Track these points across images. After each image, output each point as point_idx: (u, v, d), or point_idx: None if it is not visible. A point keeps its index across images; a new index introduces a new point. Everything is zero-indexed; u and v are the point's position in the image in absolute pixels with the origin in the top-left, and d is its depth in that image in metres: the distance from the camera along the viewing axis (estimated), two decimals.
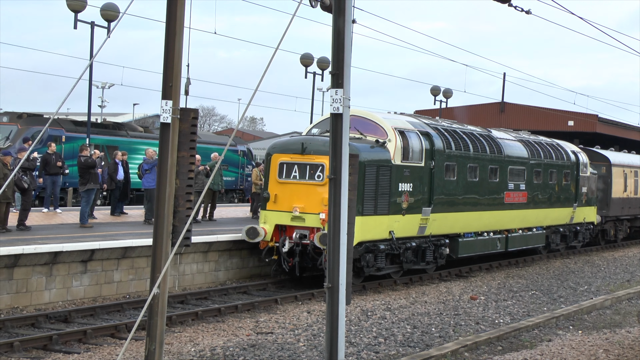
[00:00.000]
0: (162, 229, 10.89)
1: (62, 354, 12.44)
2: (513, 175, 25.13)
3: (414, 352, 13.22)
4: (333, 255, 10.31)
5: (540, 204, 27.02)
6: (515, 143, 26.14)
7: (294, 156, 19.08)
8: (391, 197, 19.26)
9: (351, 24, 10.59)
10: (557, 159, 28.44)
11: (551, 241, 28.63)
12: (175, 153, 11.01)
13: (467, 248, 22.82)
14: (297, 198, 18.81)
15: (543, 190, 27.28)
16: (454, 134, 22.31)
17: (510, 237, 25.25)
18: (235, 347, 13.11)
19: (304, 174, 18.86)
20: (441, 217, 21.28)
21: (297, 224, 18.77)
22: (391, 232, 19.34)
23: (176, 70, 10.96)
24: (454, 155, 21.81)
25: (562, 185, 28.67)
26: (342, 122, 10.51)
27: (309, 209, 18.60)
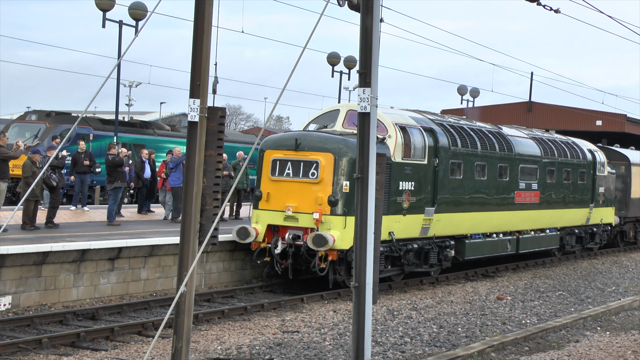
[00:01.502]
0: (189, 228, 10.94)
1: (90, 351, 12.52)
2: (524, 174, 24.13)
3: (440, 352, 13.18)
4: (360, 255, 10.30)
5: (553, 204, 25.98)
6: (527, 141, 25.08)
7: (288, 152, 18.22)
8: (391, 197, 18.24)
9: (379, 23, 10.57)
10: (572, 158, 27.35)
11: (566, 243, 27.54)
12: (203, 152, 11.06)
13: (474, 250, 21.76)
14: (291, 197, 17.96)
15: (557, 190, 26.20)
16: (460, 131, 21.33)
17: (521, 238, 24.20)
18: (262, 346, 13.14)
19: (297, 172, 18.01)
20: (446, 217, 20.37)
21: (290, 224, 17.94)
22: (391, 233, 18.34)
23: (204, 69, 11.01)
24: (460, 152, 20.85)
25: (578, 185, 27.61)
26: (370, 121, 10.50)
27: (303, 209, 17.79)
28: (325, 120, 19.82)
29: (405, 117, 19.81)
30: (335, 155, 17.61)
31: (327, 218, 17.41)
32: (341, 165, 17.60)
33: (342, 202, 17.45)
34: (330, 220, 17.41)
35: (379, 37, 10.58)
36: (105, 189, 27.08)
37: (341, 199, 17.47)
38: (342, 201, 17.46)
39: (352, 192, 16.80)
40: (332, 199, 17.40)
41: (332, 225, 17.37)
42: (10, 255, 14.90)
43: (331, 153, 17.66)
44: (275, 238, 18.05)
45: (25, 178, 19.03)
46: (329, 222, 17.40)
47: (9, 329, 13.46)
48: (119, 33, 27.44)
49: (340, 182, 17.54)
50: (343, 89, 43.46)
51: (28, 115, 33.40)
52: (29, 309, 15.11)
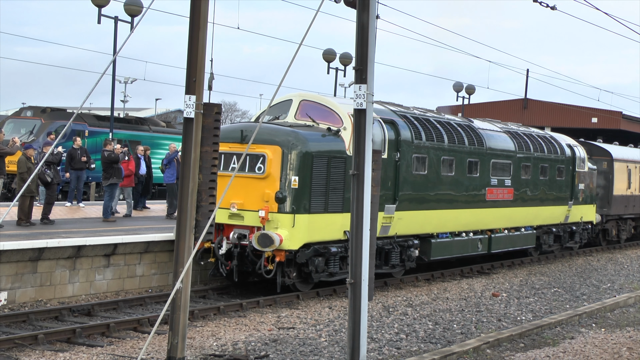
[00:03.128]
0: (185, 224, 10.96)
1: (86, 347, 12.52)
2: (497, 170, 22.88)
3: (435, 349, 13.20)
4: (356, 252, 10.31)
5: (529, 202, 24.76)
6: (500, 134, 23.81)
7: (233, 145, 16.99)
8: (346, 193, 17.00)
9: (375, 20, 10.56)
10: (549, 153, 25.98)
11: (543, 242, 26.31)
12: (199, 148, 11.07)
13: (441, 250, 20.62)
14: (236, 193, 16.72)
15: (533, 186, 24.94)
16: (425, 123, 20.11)
17: (493, 237, 23.00)
18: (257, 342, 13.15)
19: (243, 166, 16.77)
20: (408, 215, 19.21)
21: (236, 223, 16.77)
22: (346, 233, 17.02)
23: (200, 65, 11.01)
24: (425, 146, 19.62)
25: (556, 181, 26.38)
26: (366, 118, 10.48)
27: (249, 206, 16.59)
28: (277, 111, 18.64)
29: None
30: (284, 149, 16.44)
31: (274, 216, 16.33)
32: (290, 159, 16.43)
33: (291, 199, 16.32)
34: (278, 218, 16.30)
35: (375, 33, 10.57)
36: (100, 185, 27.04)
37: (290, 196, 16.33)
38: (290, 198, 16.33)
39: (302, 188, 16.20)
40: (280, 196, 16.30)
41: (280, 224, 16.27)
42: (6, 251, 14.89)
43: (279, 146, 16.49)
44: (219, 237, 16.89)
45: (21, 174, 19.04)
46: (276, 220, 16.31)
47: (4, 325, 13.45)
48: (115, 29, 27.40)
49: (288, 178, 16.41)
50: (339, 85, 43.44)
51: (23, 111, 33.35)
52: (25, 305, 15.11)
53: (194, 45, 10.99)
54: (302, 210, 16.31)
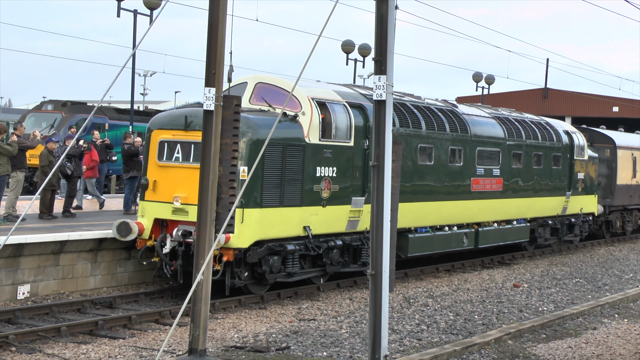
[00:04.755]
0: (206, 216, 11.04)
1: (108, 339, 12.61)
2: (483, 159, 21.27)
3: (457, 340, 13.19)
4: (376, 243, 10.32)
5: (521, 193, 23.09)
6: (488, 120, 22.14)
7: (177, 133, 15.48)
8: (305, 184, 15.70)
9: (394, 10, 10.55)
10: (543, 140, 24.24)
11: (538, 235, 24.60)
12: (219, 140, 11.12)
13: (420, 245, 19.01)
14: (180, 185, 15.25)
15: (525, 176, 23.25)
16: (400, 108, 18.46)
17: (481, 231, 21.37)
18: (278, 334, 13.19)
19: (187, 155, 15.26)
20: None
21: (180, 218, 15.23)
22: (306, 228, 15.83)
23: (219, 58, 11.06)
24: (399, 133, 18.04)
25: (551, 171, 24.67)
26: (386, 109, 10.48)
27: (193, 199, 14.09)
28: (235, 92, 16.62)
29: (327, 92, 17.04)
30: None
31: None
32: (238, 148, 14.88)
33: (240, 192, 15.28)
34: None
35: (394, 24, 10.57)
36: (121, 178, 27.17)
37: (238, 188, 14.78)
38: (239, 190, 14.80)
39: (252, 180, 14.67)
40: None
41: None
42: (29, 244, 15.01)
43: None
44: (162, 234, 15.39)
45: (42, 167, 19.17)
46: None
47: (28, 317, 13.57)
48: (134, 23, 27.50)
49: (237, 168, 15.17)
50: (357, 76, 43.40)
51: (44, 105, 33.57)
52: (47, 298, 15.23)
53: (213, 38, 11.03)
54: (252, 204, 14.81)
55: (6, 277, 14.90)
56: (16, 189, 18.23)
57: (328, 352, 12.12)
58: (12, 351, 11.60)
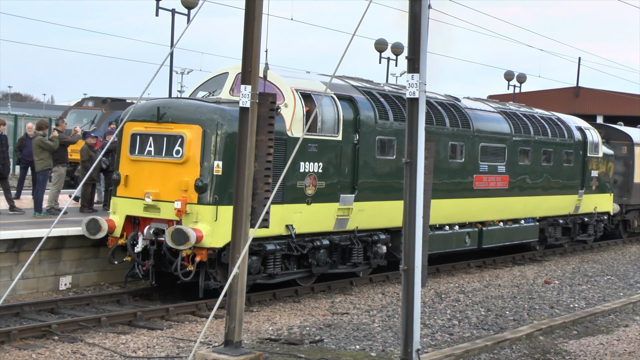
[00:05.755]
0: (241, 211, 11.26)
1: (146, 329, 12.93)
2: (487, 155, 20.37)
3: (488, 335, 13.34)
4: (409, 239, 10.50)
5: (528, 191, 22.12)
6: (493, 115, 21.22)
7: (149, 125, 14.62)
8: (287, 181, 14.83)
9: (427, 10, 10.69)
10: (553, 136, 23.27)
11: (548, 235, 23.66)
12: (254, 137, 11.35)
13: None
14: (152, 181, 14.44)
15: (533, 173, 22.28)
16: (395, 101, 17.57)
17: (485, 231, 20.50)
18: (312, 327, 13.43)
19: (160, 149, 14.42)
20: (372, 206, 16.79)
21: (152, 216, 14.37)
22: (289, 227, 15.03)
23: (255, 56, 11.30)
24: (393, 127, 17.09)
25: (562, 168, 23.69)
26: (419, 107, 10.65)
27: (165, 196, 14.18)
28: (212, 86, 16.37)
29: (313, 82, 16.12)
30: (205, 129, 14.08)
31: (193, 208, 13.98)
32: (212, 142, 14.09)
33: (213, 188, 13.98)
34: (198, 210, 13.96)
35: (427, 23, 10.72)
36: None
37: (211, 184, 13.98)
38: (212, 186, 13.98)
39: (227, 175, 13.84)
40: (200, 184, 13.93)
41: (200, 217, 13.94)
42: (70, 237, 15.45)
43: (199, 125, 14.13)
44: (133, 232, 14.54)
45: (83, 162, 19.60)
46: (195, 212, 13.97)
47: (69, 308, 13.98)
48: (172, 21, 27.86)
49: (210, 163, 14.06)
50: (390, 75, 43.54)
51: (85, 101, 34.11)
52: (88, 289, 15.62)
53: (249, 37, 11.27)
54: (226, 201, 13.86)
55: (49, 268, 15.36)
56: (58, 183, 18.68)
57: (361, 346, 12.34)
58: (54, 340, 11.97)
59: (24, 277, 14.52)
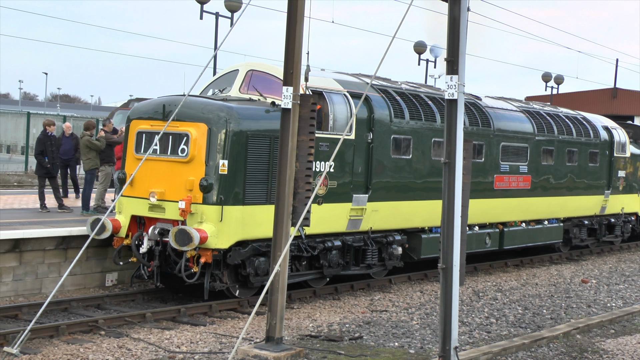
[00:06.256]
0: (283, 210, 11.50)
1: (190, 325, 13.23)
2: (508, 155, 19.97)
3: (525, 333, 13.46)
4: (447, 238, 10.67)
5: (552, 191, 21.70)
6: (515, 114, 20.82)
7: (155, 123, 14.33)
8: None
9: (466, 12, 10.85)
10: (578, 136, 22.74)
11: (573, 236, 23.16)
12: (295, 137, 11.59)
13: (434, 246, 17.38)
14: (157, 180, 14.17)
15: (557, 173, 21.86)
16: (412, 99, 17.23)
17: (506, 231, 20.09)
18: (352, 324, 13.65)
19: (165, 148, 14.14)
20: (386, 206, 16.43)
21: (157, 215, 14.10)
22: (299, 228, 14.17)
23: (297, 58, 11.53)
24: (410, 126, 16.81)
25: (588, 168, 23.22)
26: (457, 108, 10.81)
27: (170, 195, 13.87)
28: (223, 83, 16.04)
29: (326, 80, 15.71)
30: (211, 127, 13.73)
31: (198, 208, 13.68)
32: (218, 140, 13.75)
33: (218, 188, 13.65)
34: (203, 210, 13.66)
35: (466, 25, 10.87)
36: None
37: (217, 183, 13.65)
38: (218, 186, 13.65)
39: (233, 174, 13.70)
40: (205, 183, 13.62)
41: (205, 217, 13.64)
42: None
43: (205, 123, 13.81)
44: (138, 233, 14.32)
45: None
46: (200, 212, 13.67)
47: (115, 304, 14.36)
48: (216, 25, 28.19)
49: (216, 162, 13.71)
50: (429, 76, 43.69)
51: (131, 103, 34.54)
52: (133, 285, 15.94)
53: (291, 39, 11.51)
54: (232, 200, 13.73)
55: (96, 265, 15.77)
56: (105, 182, 19.07)
57: (399, 343, 12.54)
58: (101, 335, 12.32)
59: (72, 274, 14.83)
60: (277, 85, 14.64)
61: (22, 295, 14.73)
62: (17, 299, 14.52)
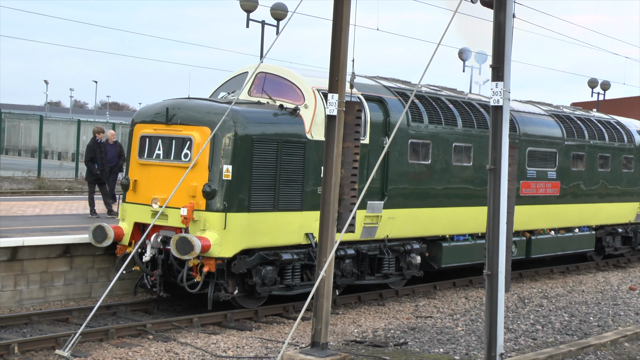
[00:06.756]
0: (328, 216, 11.58)
1: (236, 330, 13.38)
2: (535, 160, 19.39)
3: (572, 340, 13.37)
4: (492, 244, 10.67)
5: (583, 198, 21.08)
6: (543, 118, 20.15)
7: (158, 127, 13.98)
8: (307, 186, 14.09)
9: (512, 19, 10.86)
10: (611, 140, 22.04)
11: (606, 244, 22.51)
12: (341, 144, 11.67)
13: (456, 255, 17.08)
14: (160, 186, 13.77)
15: (588, 180, 21.24)
16: (432, 103, 16.74)
17: (534, 240, 19.48)
18: (396, 330, 13.69)
19: (168, 152, 13.80)
20: (404, 214, 15.89)
21: (160, 223, 13.44)
22: (309, 236, 14.20)
23: (342, 65, 11.62)
24: (428, 130, 16.32)
25: (622, 174, 22.57)
26: (502, 114, 10.83)
27: (173, 202, 13.24)
28: (233, 86, 15.58)
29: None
30: (215, 130, 13.15)
31: (201, 215, 13.28)
32: (222, 144, 13.35)
33: (222, 194, 13.19)
34: (206, 217, 13.27)
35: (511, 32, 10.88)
36: None
37: (221, 189, 13.21)
38: (221, 192, 13.19)
39: (237, 180, 13.24)
40: (208, 189, 13.23)
41: (208, 225, 13.21)
42: None
43: (208, 127, 13.34)
44: (140, 241, 13.54)
45: None
46: (203, 220, 13.27)
47: (162, 309, 14.60)
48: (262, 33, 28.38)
49: (219, 167, 13.30)
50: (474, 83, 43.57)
51: None
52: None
53: (336, 47, 11.60)
54: (236, 207, 13.31)
55: None
56: None
57: (444, 349, 12.55)
58: (149, 339, 12.52)
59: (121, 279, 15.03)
60: (286, 87, 14.55)
61: (73, 299, 15.03)
62: (68, 303, 14.83)
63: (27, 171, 36.33)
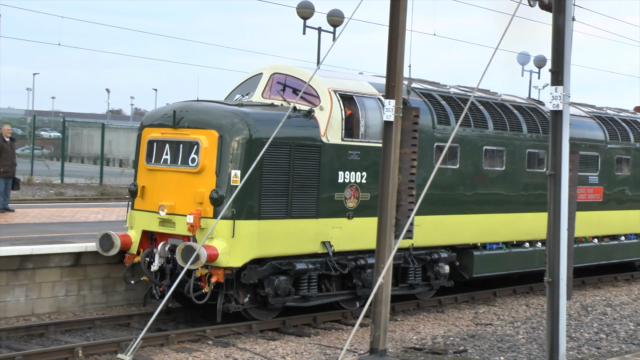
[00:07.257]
0: (386, 222, 11.55)
1: (294, 336, 13.42)
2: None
3: (638, 350, 13.08)
4: (553, 251, 10.51)
5: (629, 204, 20.16)
6: (583, 120, 19.23)
7: (166, 130, 13.45)
8: (322, 192, 13.48)
9: (571, 22, 10.70)
10: None
11: None
12: (398, 150, 11.63)
13: (488, 264, 16.41)
14: (167, 192, 13.25)
15: (634, 184, 20.31)
16: (460, 104, 15.97)
17: (575, 248, 17.58)
18: (456, 337, 13.57)
19: (176, 157, 13.22)
20: (430, 220, 15.07)
21: (167, 231, 13.14)
22: (326, 244, 13.62)
23: (398, 71, 11.59)
24: (457, 134, 15.10)
25: None
26: (562, 119, 10.70)
27: (180, 209, 12.91)
28: (248, 88, 15.05)
29: (358, 83, 14.65)
30: (222, 134, 12.76)
31: (208, 222, 12.62)
32: (230, 148, 12.79)
33: (230, 200, 12.43)
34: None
35: (571, 35, 10.72)
36: None
37: (229, 196, 12.54)
38: (230, 198, 12.47)
39: (247, 186, 12.40)
40: (215, 196, 12.65)
41: (216, 233, 12.54)
42: None
43: (216, 130, 12.84)
44: (148, 249, 13.35)
45: None
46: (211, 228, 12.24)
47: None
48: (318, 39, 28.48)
49: (227, 172, 12.75)
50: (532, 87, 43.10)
51: None
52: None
53: (393, 52, 11.57)
54: (245, 214, 12.74)
55: None
56: None
57: (505, 357, 12.39)
58: (209, 344, 12.63)
59: None
60: (301, 88, 13.85)
61: (134, 304, 15.24)
62: (129, 308, 15.04)
63: (89, 178, 37.06)
